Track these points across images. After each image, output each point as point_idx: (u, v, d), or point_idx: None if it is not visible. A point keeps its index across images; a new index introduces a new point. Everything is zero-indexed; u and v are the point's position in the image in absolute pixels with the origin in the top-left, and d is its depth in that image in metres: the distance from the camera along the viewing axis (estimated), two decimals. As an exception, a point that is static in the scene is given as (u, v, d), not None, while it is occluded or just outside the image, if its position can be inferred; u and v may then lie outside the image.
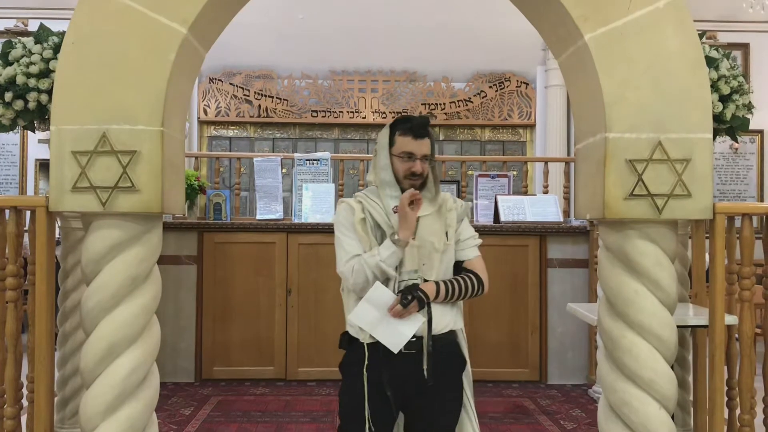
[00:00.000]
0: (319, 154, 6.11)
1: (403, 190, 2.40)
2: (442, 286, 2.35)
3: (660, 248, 2.36)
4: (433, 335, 2.33)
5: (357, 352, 2.36)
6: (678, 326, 2.48)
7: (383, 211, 2.40)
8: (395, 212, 2.38)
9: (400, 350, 2.29)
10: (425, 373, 2.31)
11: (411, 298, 2.27)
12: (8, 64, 3.41)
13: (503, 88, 10.28)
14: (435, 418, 2.39)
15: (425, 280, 2.36)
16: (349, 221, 2.41)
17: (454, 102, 10.24)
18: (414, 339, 2.31)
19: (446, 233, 2.43)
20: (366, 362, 2.32)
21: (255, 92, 10.10)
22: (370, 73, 10.26)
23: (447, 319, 2.39)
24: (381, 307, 2.29)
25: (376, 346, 2.32)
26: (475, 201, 6.09)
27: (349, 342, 2.42)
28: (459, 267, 2.48)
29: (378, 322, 2.30)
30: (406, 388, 2.34)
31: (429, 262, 2.37)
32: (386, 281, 2.34)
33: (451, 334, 2.43)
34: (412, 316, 2.30)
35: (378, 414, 2.33)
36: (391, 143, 2.44)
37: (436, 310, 2.35)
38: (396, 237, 2.30)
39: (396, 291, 2.32)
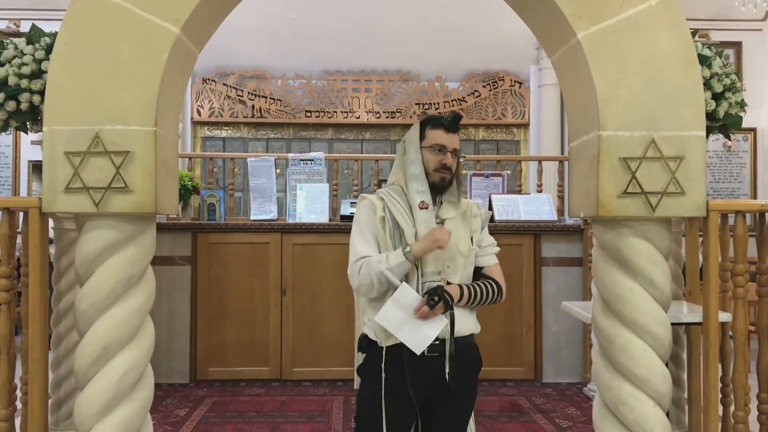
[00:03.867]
0: (313, 154, 6.10)
1: (431, 185, 2.41)
2: (466, 290, 2.36)
3: (654, 246, 2.37)
4: (455, 338, 2.34)
5: (377, 355, 2.36)
6: (672, 324, 2.48)
7: (405, 211, 2.40)
8: (421, 208, 2.38)
9: (423, 352, 2.29)
10: (447, 376, 2.32)
11: (438, 300, 2.27)
12: (0, 65, 3.40)
13: (497, 88, 10.30)
14: (453, 419, 2.41)
15: (448, 283, 2.36)
16: (370, 220, 2.41)
17: (447, 101, 10.24)
18: (437, 342, 2.31)
19: (471, 238, 2.45)
20: (386, 365, 2.33)
21: (248, 92, 10.09)
22: (363, 72, 10.26)
23: (469, 322, 2.41)
24: (406, 308, 2.29)
25: (398, 349, 2.31)
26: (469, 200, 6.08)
27: (368, 345, 2.42)
28: (477, 273, 2.49)
29: (403, 323, 2.29)
30: (428, 389, 2.34)
31: (453, 265, 2.38)
32: (408, 282, 2.33)
33: (471, 337, 2.44)
34: (436, 318, 2.30)
35: (398, 417, 2.33)
36: (422, 137, 2.46)
37: (458, 313, 2.36)
38: (408, 249, 2.30)
39: (420, 292, 2.32)
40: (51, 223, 3.41)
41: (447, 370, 2.32)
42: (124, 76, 2.33)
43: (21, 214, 2.65)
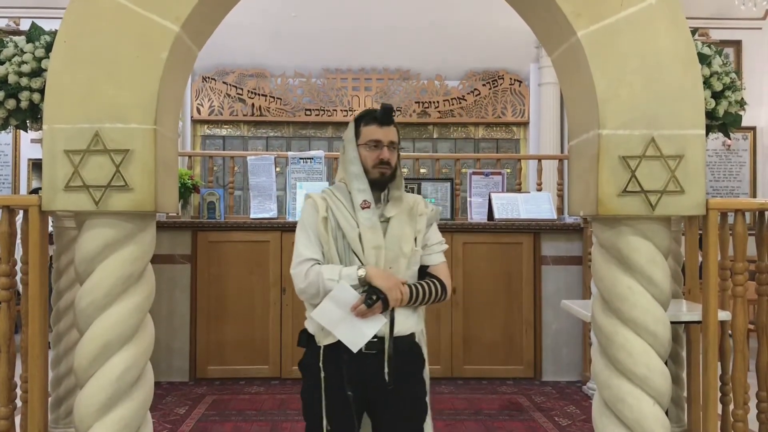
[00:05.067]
0: (312, 153, 6.10)
1: (371, 182, 2.39)
2: (407, 290, 2.33)
3: (653, 244, 2.37)
4: (394, 337, 2.31)
5: (315, 351, 2.35)
6: (671, 322, 2.49)
7: (347, 212, 2.38)
8: (363, 207, 2.36)
9: (361, 350, 2.27)
10: (386, 376, 2.29)
11: (376, 299, 2.25)
12: (0, 63, 3.39)
13: (497, 86, 10.29)
14: (399, 419, 2.37)
15: None
16: (312, 220, 2.39)
17: (447, 100, 10.23)
18: (375, 339, 2.29)
19: (415, 238, 2.41)
20: (324, 363, 2.31)
21: (248, 91, 10.08)
22: (363, 71, 10.25)
23: (410, 322, 2.38)
24: (344, 306, 2.27)
25: (336, 347, 2.29)
26: (469, 198, 6.10)
27: (308, 341, 2.40)
28: (423, 271, 2.46)
29: (340, 320, 2.27)
30: (367, 388, 2.32)
31: (395, 266, 2.35)
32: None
33: (412, 336, 2.41)
34: (374, 317, 2.28)
35: (338, 414, 2.31)
36: (357, 135, 2.46)
37: (399, 312, 2.33)
38: (363, 274, 2.28)
39: (360, 291, 2.30)
40: (51, 221, 3.41)
41: (386, 370, 2.29)
42: (124, 74, 2.33)
43: (21, 212, 2.65)
